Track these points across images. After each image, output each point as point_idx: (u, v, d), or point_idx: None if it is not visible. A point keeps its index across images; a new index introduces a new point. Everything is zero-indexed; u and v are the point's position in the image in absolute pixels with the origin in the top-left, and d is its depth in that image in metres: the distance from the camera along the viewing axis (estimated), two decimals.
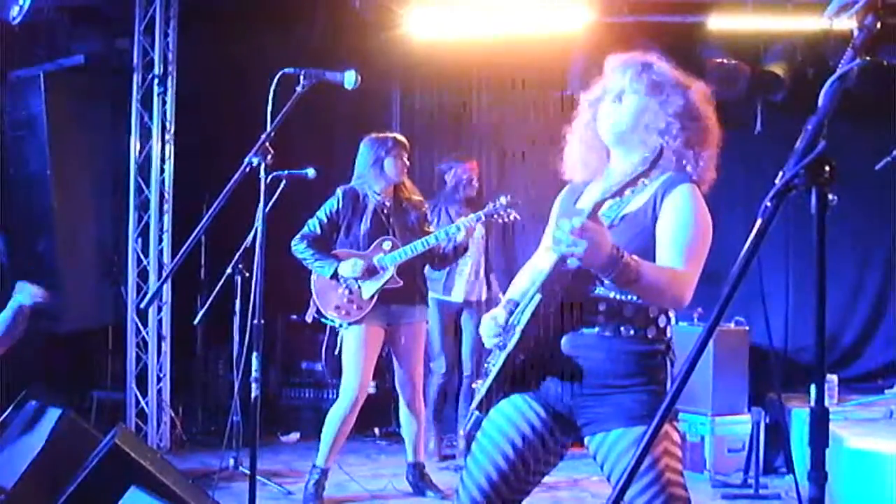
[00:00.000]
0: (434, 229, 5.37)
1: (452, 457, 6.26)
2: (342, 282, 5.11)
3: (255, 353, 3.50)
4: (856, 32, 1.70)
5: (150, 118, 6.64)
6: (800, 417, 5.67)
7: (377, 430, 6.98)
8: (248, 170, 3.36)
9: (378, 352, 5.25)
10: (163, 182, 6.69)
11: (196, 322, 6.10)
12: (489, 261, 6.34)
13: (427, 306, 5.46)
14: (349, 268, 5.08)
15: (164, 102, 6.65)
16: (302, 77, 3.50)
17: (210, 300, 5.74)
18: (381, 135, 5.34)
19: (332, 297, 5.14)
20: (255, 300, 3.59)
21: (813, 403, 1.59)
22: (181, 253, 3.22)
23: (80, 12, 6.60)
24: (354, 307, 5.11)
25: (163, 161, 6.69)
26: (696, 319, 6.04)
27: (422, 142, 6.43)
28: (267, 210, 3.52)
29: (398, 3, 6.54)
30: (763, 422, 5.64)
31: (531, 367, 2.53)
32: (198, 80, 6.75)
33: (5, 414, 4.58)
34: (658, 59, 2.65)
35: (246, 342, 4.90)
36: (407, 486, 5.46)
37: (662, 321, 2.53)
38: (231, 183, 3.25)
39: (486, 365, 2.62)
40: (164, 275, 6.45)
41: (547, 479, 2.72)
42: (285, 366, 7.38)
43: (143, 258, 6.66)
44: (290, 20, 6.79)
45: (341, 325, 5.16)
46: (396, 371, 5.36)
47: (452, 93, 7.41)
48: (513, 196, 5.21)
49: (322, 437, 5.15)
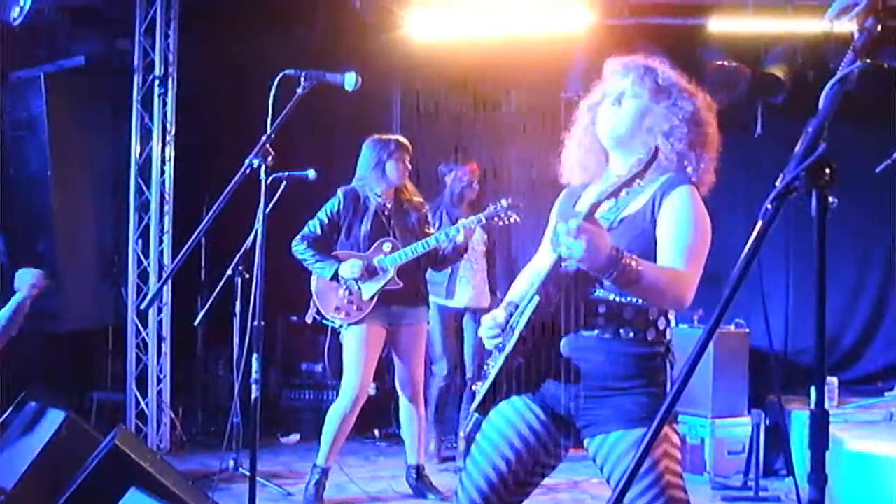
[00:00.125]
0: (434, 231, 5.37)
1: (452, 458, 6.25)
2: (342, 283, 5.11)
3: (255, 355, 3.50)
4: (856, 35, 1.70)
5: (151, 119, 6.65)
6: (800, 420, 5.67)
7: (377, 432, 6.98)
8: (248, 171, 3.36)
9: (379, 352, 5.25)
10: (163, 183, 6.69)
11: (196, 323, 6.09)
12: (493, 268, 6.32)
13: (428, 308, 5.45)
14: (349, 269, 5.08)
15: (165, 103, 6.66)
16: (302, 78, 3.50)
17: (210, 301, 5.73)
18: (383, 137, 5.34)
19: (332, 298, 5.14)
20: (256, 301, 3.59)
21: (813, 406, 1.60)
22: (181, 254, 3.23)
23: (81, 13, 6.60)
24: (354, 308, 5.11)
25: (163, 162, 6.69)
26: (696, 321, 6.05)
27: (422, 143, 6.39)
28: (267, 211, 3.52)
29: (399, 5, 6.54)
30: (763, 424, 5.64)
31: (530, 369, 2.53)
32: (198, 82, 6.76)
33: (5, 415, 4.58)
34: (661, 64, 2.65)
35: (246, 343, 4.90)
36: (406, 487, 5.46)
37: (662, 323, 2.53)
38: (231, 184, 3.25)
39: (486, 367, 2.62)
40: (165, 276, 6.45)
41: (547, 481, 2.71)
42: (285, 367, 7.38)
43: (143, 259, 6.66)
44: (291, 21, 6.79)
45: (341, 326, 5.16)
46: (397, 372, 5.36)
47: (453, 94, 7.40)
48: (513, 198, 5.21)
49: (322, 436, 5.15)
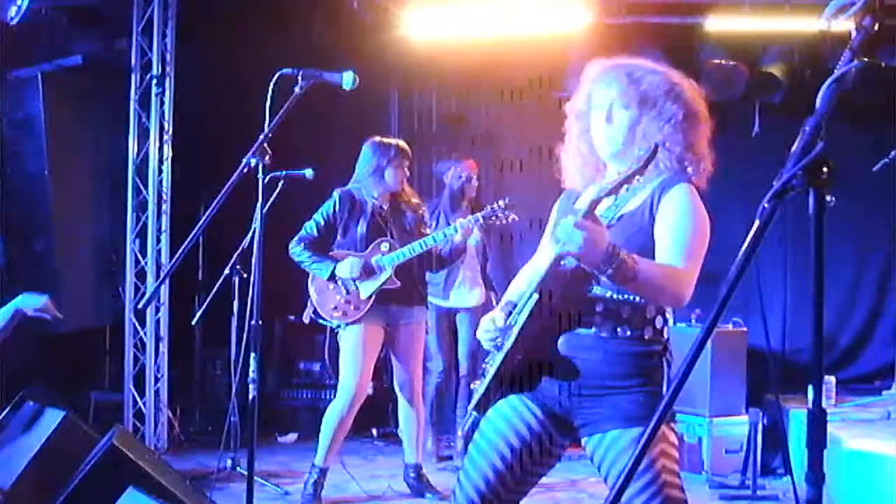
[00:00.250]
0: (431, 232, 5.36)
1: (450, 457, 6.26)
2: (340, 283, 5.10)
3: (252, 354, 3.50)
4: (854, 34, 1.70)
5: (148, 119, 6.64)
6: (797, 418, 5.68)
7: (375, 431, 6.99)
8: (246, 170, 3.36)
9: (377, 352, 5.24)
10: (161, 182, 6.69)
11: (194, 323, 6.09)
12: (487, 268, 6.30)
13: (426, 307, 5.45)
14: (347, 269, 5.07)
15: (162, 103, 6.65)
16: (300, 78, 3.50)
17: (208, 301, 5.72)
18: (384, 140, 5.30)
19: (330, 298, 5.14)
20: (253, 301, 3.59)
21: (810, 404, 1.60)
22: (179, 253, 3.23)
23: (79, 13, 6.59)
24: (352, 308, 5.11)
25: (161, 161, 6.69)
26: (693, 320, 6.05)
27: (420, 143, 6.43)
28: (265, 210, 3.52)
29: (396, 4, 6.53)
30: (761, 423, 5.64)
31: (528, 367, 2.53)
32: (196, 81, 6.75)
33: (3, 414, 4.57)
34: (641, 65, 2.61)
35: (244, 343, 4.90)
36: (405, 486, 5.46)
37: (659, 322, 2.53)
38: (229, 183, 3.25)
39: (485, 365, 2.62)
40: (162, 275, 6.44)
41: (544, 479, 2.71)
42: (283, 366, 7.38)
43: (140, 259, 6.65)
44: (288, 21, 6.78)
45: (339, 326, 5.16)
46: (395, 372, 5.36)
47: (450, 94, 7.41)
48: (511, 198, 5.21)
49: (320, 436, 5.15)
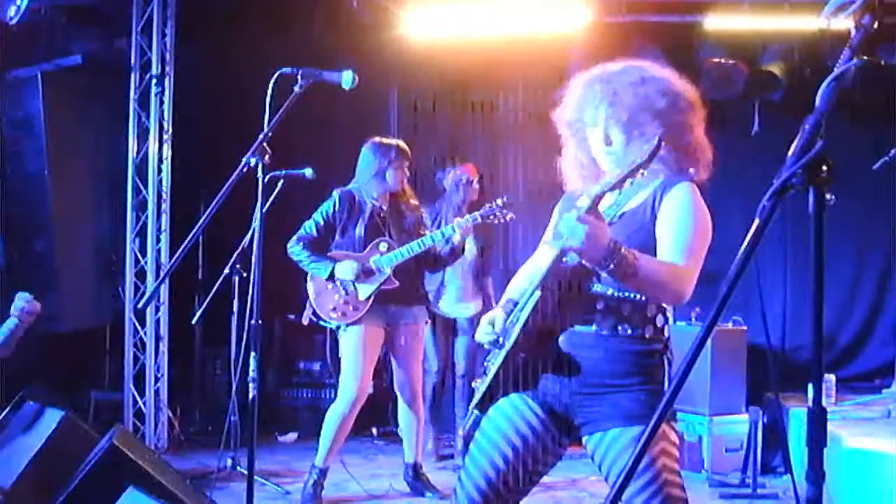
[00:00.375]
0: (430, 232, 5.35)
1: (450, 457, 6.25)
2: (338, 284, 5.10)
3: (252, 354, 3.49)
4: (853, 32, 1.70)
5: (148, 118, 6.64)
6: (797, 417, 5.68)
7: (375, 431, 6.99)
8: (245, 170, 3.36)
9: (378, 352, 5.23)
10: (160, 182, 6.69)
11: (194, 322, 6.09)
12: (481, 270, 6.24)
13: (425, 307, 5.45)
14: (345, 269, 5.07)
15: (162, 102, 6.65)
16: (299, 77, 3.49)
17: (208, 300, 5.72)
18: (384, 141, 5.29)
19: (329, 298, 5.14)
20: (253, 300, 3.59)
21: (811, 403, 1.60)
22: (179, 253, 3.22)
23: (78, 12, 6.59)
24: (351, 308, 5.11)
25: (160, 161, 6.69)
26: (693, 319, 6.05)
27: (419, 142, 6.39)
28: (265, 210, 3.52)
29: (396, 4, 6.53)
30: (761, 421, 5.64)
31: (530, 365, 2.53)
32: (195, 81, 6.75)
33: (3, 414, 4.57)
34: (624, 78, 2.58)
35: (244, 342, 4.89)
36: (405, 486, 5.46)
37: (660, 321, 2.53)
38: (229, 183, 3.25)
39: (486, 364, 2.62)
40: (162, 275, 6.44)
41: (545, 478, 2.72)
42: (283, 366, 7.38)
43: (140, 258, 6.65)
44: (288, 20, 6.78)
45: (338, 327, 5.16)
46: (395, 372, 5.35)
47: (450, 93, 7.39)
48: (509, 197, 5.20)
49: (321, 437, 5.14)
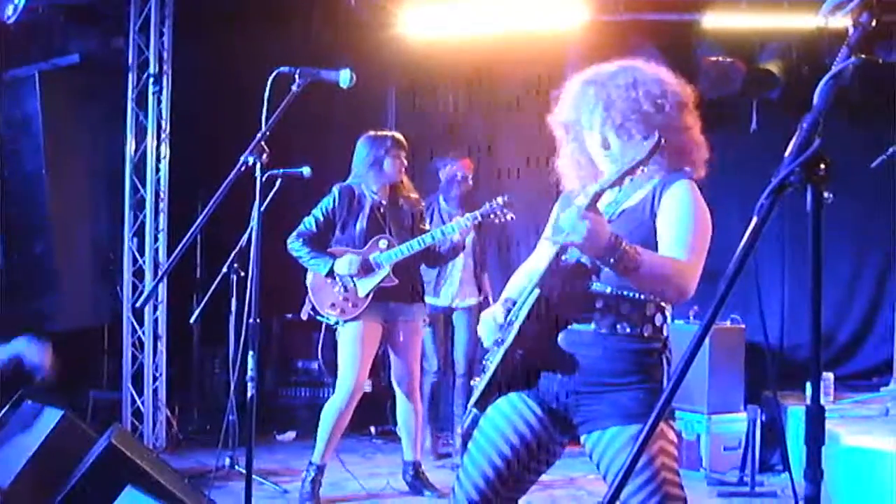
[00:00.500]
0: (429, 227, 5.36)
1: (449, 455, 6.25)
2: (338, 280, 5.10)
3: (250, 352, 3.50)
4: (851, 30, 1.70)
5: (146, 117, 6.63)
6: (796, 415, 5.68)
7: (373, 429, 6.98)
8: (243, 168, 3.36)
9: (376, 348, 5.23)
10: (158, 181, 6.68)
11: (192, 321, 6.07)
12: (479, 264, 6.28)
13: (424, 304, 5.45)
14: (345, 266, 5.07)
15: (160, 101, 6.64)
16: (297, 76, 3.49)
17: (206, 299, 5.71)
18: (378, 133, 5.32)
19: (328, 294, 5.14)
20: (251, 299, 3.58)
21: (809, 401, 1.60)
22: (177, 252, 3.22)
23: (76, 11, 6.59)
24: (350, 305, 5.11)
25: (158, 160, 6.68)
26: (692, 317, 6.04)
27: (417, 140, 6.40)
28: (263, 209, 3.52)
29: (393, 2, 6.53)
30: (759, 420, 5.64)
31: (528, 364, 2.53)
32: (193, 80, 6.74)
33: (2, 413, 4.57)
34: (617, 80, 2.57)
35: (242, 341, 4.89)
36: (403, 484, 5.46)
37: (659, 319, 2.53)
38: (227, 182, 3.24)
39: (485, 362, 2.62)
40: (160, 274, 6.43)
41: (543, 477, 2.71)
42: (281, 365, 7.38)
43: (138, 257, 6.64)
44: (286, 19, 6.78)
45: (337, 323, 5.16)
46: (393, 365, 5.36)
47: (448, 91, 7.40)
48: (508, 196, 5.20)
49: (318, 432, 5.14)
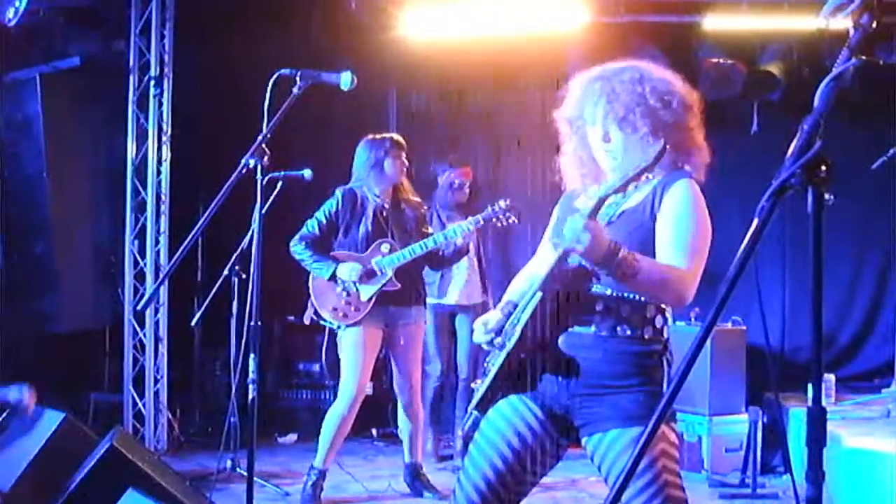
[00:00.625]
0: (432, 231, 5.36)
1: (450, 457, 6.25)
2: (340, 283, 5.10)
3: (252, 355, 3.50)
4: (852, 32, 1.70)
5: (147, 120, 6.63)
6: (797, 417, 5.68)
7: (375, 431, 6.97)
8: (244, 171, 3.36)
9: (377, 353, 5.23)
10: (159, 184, 6.68)
11: (193, 324, 6.09)
12: (483, 265, 6.30)
13: (425, 308, 5.44)
14: (347, 270, 5.07)
15: (161, 104, 6.64)
16: (298, 78, 3.49)
17: (207, 302, 5.72)
18: (378, 136, 5.32)
19: (330, 298, 5.14)
20: (252, 301, 3.59)
21: (810, 403, 1.60)
22: (178, 254, 3.22)
23: (76, 14, 6.59)
24: (352, 309, 5.11)
25: (159, 163, 6.68)
26: (693, 319, 6.04)
27: (418, 143, 6.42)
28: (264, 211, 3.52)
29: (394, 4, 6.53)
30: (760, 421, 5.64)
31: (529, 366, 2.54)
32: (194, 82, 6.75)
33: (3, 416, 4.57)
34: (624, 76, 2.58)
35: (243, 344, 4.89)
36: (404, 487, 5.46)
37: (659, 321, 2.53)
38: (228, 184, 3.24)
39: (486, 365, 2.63)
40: (161, 276, 6.43)
41: (545, 479, 2.71)
42: (282, 367, 7.37)
43: (139, 260, 6.65)
44: (286, 22, 6.78)
45: (339, 327, 5.16)
46: (395, 372, 5.35)
47: (449, 94, 7.40)
48: (511, 199, 5.20)
49: (320, 437, 5.14)
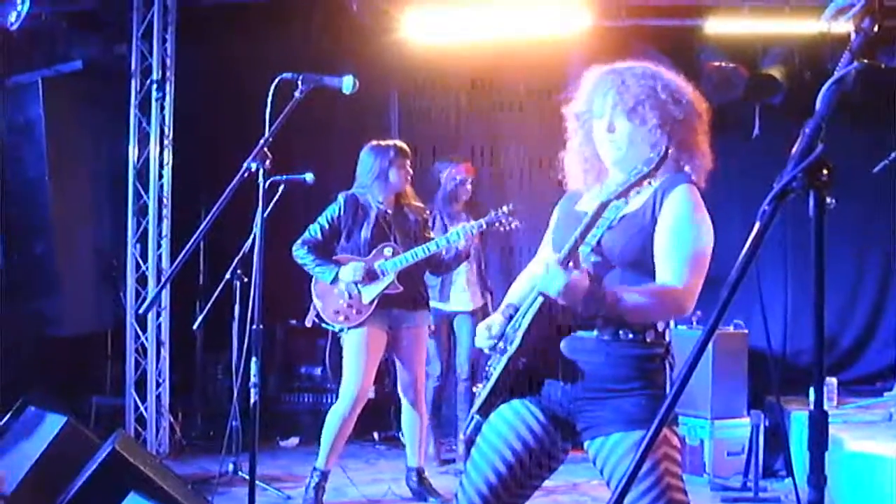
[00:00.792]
0: (434, 235, 5.36)
1: (452, 461, 6.25)
2: (342, 287, 5.10)
3: (254, 358, 3.50)
4: (853, 35, 1.71)
5: (149, 123, 6.64)
6: (799, 420, 5.67)
7: (377, 435, 6.97)
8: (246, 175, 3.36)
9: (380, 355, 5.23)
10: (161, 187, 6.69)
11: (195, 327, 6.09)
12: (484, 269, 6.29)
13: (428, 311, 5.45)
14: (350, 270, 5.07)
15: (163, 108, 6.65)
16: (300, 82, 3.49)
17: (209, 305, 5.72)
18: (382, 143, 5.29)
19: (333, 301, 5.14)
20: (254, 305, 3.59)
21: (812, 406, 1.60)
22: (180, 258, 3.22)
23: (78, 18, 6.60)
24: (354, 312, 5.11)
25: (161, 166, 6.68)
26: (695, 323, 6.03)
27: (420, 146, 6.42)
28: (266, 215, 3.52)
29: (396, 8, 6.54)
30: (762, 425, 5.64)
31: (531, 370, 2.54)
32: (196, 86, 6.76)
33: (5, 419, 4.58)
34: (636, 71, 2.60)
35: (245, 347, 4.89)
36: (407, 490, 5.46)
37: (661, 325, 2.53)
38: (229, 188, 3.24)
39: (488, 369, 2.62)
40: (163, 280, 6.43)
41: (546, 483, 2.71)
42: (284, 370, 7.38)
43: (141, 263, 6.65)
44: (288, 25, 6.79)
45: (342, 330, 5.16)
46: (399, 374, 5.35)
47: (450, 97, 7.41)
48: (513, 203, 5.20)
49: (322, 438, 5.14)
